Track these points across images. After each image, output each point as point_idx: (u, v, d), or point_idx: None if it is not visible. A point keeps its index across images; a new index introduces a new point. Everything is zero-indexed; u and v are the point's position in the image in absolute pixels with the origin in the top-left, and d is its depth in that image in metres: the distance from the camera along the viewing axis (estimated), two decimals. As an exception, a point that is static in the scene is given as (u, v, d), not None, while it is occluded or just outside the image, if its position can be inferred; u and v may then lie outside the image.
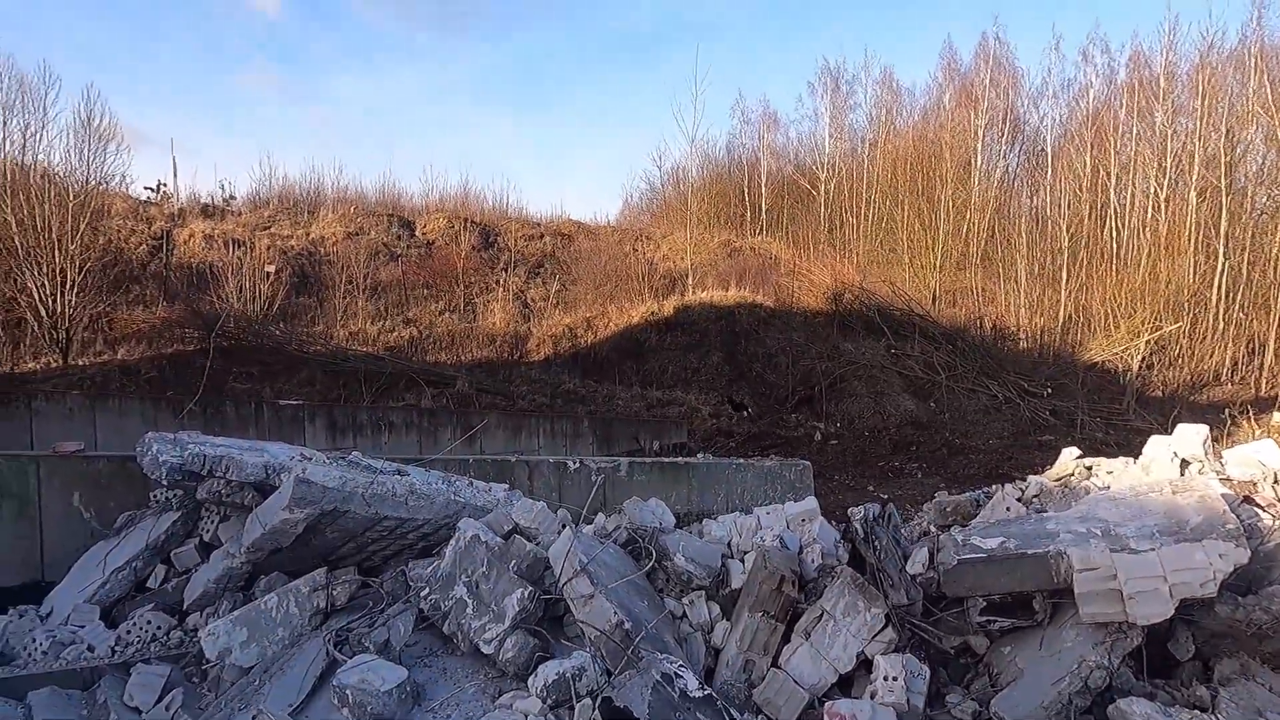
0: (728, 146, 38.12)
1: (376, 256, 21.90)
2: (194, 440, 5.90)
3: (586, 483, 8.35)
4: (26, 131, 18.60)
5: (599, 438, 14.64)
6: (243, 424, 11.27)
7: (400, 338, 18.90)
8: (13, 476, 6.23)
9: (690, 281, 23.63)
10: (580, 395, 17.31)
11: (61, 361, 14.46)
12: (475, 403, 15.60)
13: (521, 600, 4.23)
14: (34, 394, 10.94)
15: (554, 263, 24.80)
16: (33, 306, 14.75)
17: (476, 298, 21.74)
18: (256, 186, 26.21)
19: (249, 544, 4.92)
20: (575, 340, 19.79)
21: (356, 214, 24.38)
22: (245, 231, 21.54)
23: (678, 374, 19.04)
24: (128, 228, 20.28)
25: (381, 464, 6.28)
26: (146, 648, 5.03)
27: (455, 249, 23.40)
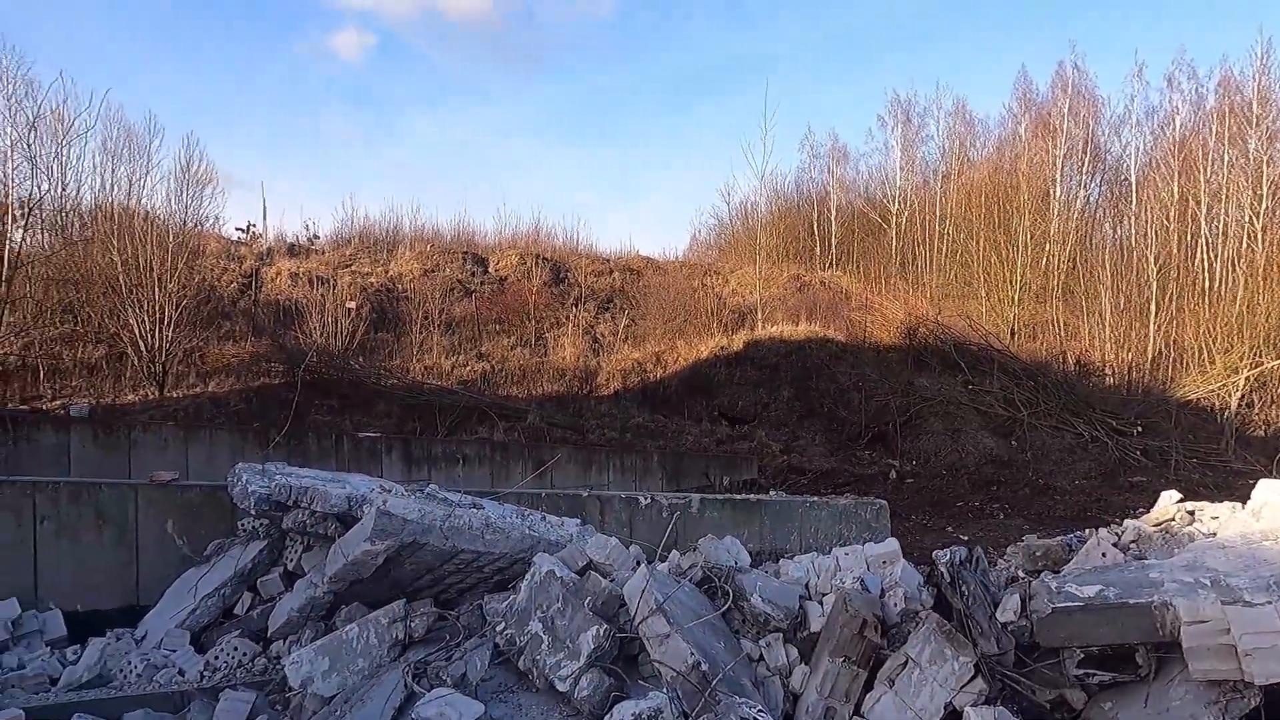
0: (796, 180, 38.04)
1: (451, 293, 22.46)
2: (281, 471, 6.10)
3: (658, 518, 8.29)
4: (133, 177, 19.88)
5: (669, 473, 14.56)
6: (324, 455, 11.60)
7: (473, 372, 19.25)
8: (114, 504, 6.54)
9: (759, 316, 23.49)
10: (650, 430, 17.29)
11: (158, 394, 15.20)
12: (546, 437, 15.73)
13: (597, 638, 4.20)
14: (133, 424, 11.51)
15: (623, 298, 24.99)
16: (133, 341, 15.59)
17: (547, 332, 22.04)
18: (339, 226, 27.32)
19: (331, 574, 5.03)
20: (644, 375, 19.83)
21: (433, 251, 25.10)
22: (328, 269, 22.40)
23: (748, 409, 18.85)
24: (220, 266, 21.32)
25: (458, 497, 6.37)
26: (233, 673, 5.16)
27: (527, 285, 23.83)
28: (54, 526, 6.42)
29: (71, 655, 5.73)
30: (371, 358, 18.72)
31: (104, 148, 19.60)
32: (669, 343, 21.21)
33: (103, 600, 6.49)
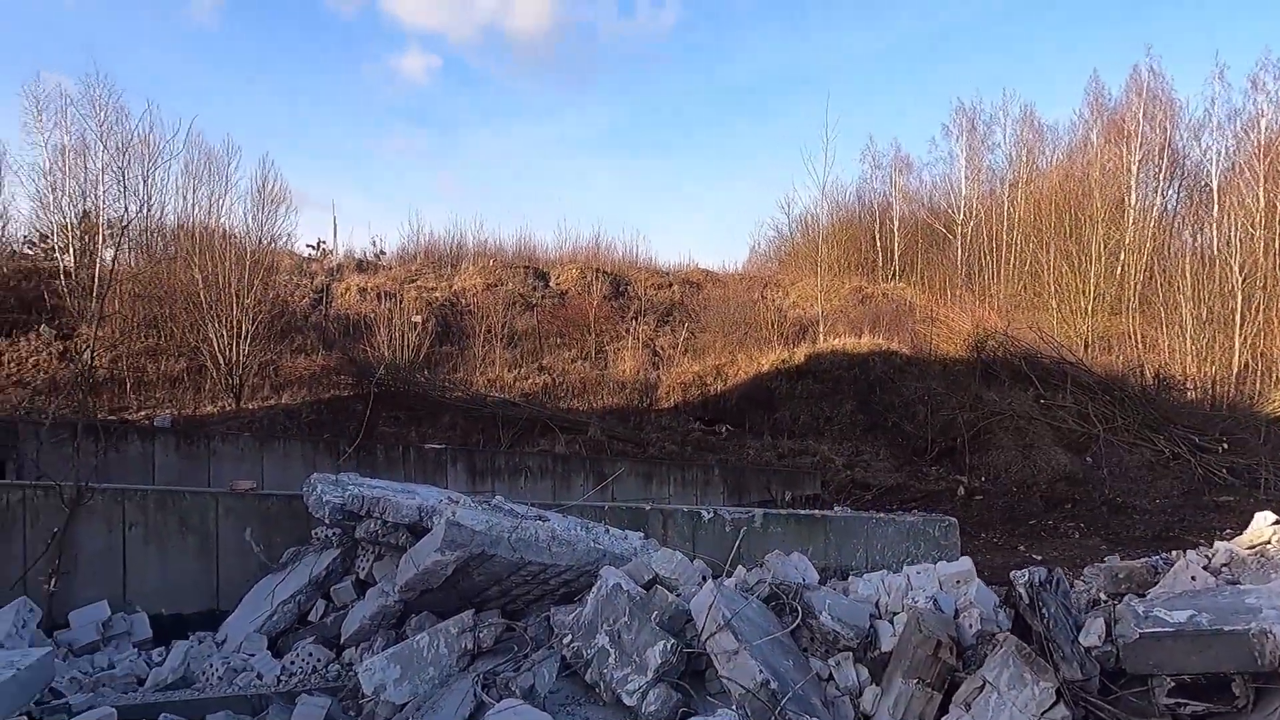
0: (858, 191, 37.56)
1: (513, 306, 22.79)
2: (353, 482, 6.26)
3: (721, 533, 8.23)
4: (212, 198, 20.78)
5: (730, 487, 14.46)
6: (391, 466, 11.86)
7: (535, 385, 19.47)
8: (196, 511, 6.80)
9: (821, 329, 23.21)
10: (710, 444, 17.21)
11: (235, 405, 15.78)
12: (607, 449, 15.79)
13: (664, 652, 4.18)
14: (212, 435, 11.96)
15: (682, 311, 25.00)
16: (213, 355, 16.24)
17: (607, 345, 22.16)
18: (405, 242, 28.01)
19: (402, 584, 5.13)
20: (705, 388, 19.77)
21: (495, 266, 25.53)
22: (394, 284, 22.97)
23: (809, 423, 18.62)
24: (292, 282, 22.06)
25: (523, 509, 6.43)
26: (308, 678, 5.30)
27: (587, 298, 24.02)
28: (141, 533, 6.70)
29: (157, 656, 5.96)
30: (436, 371, 19.10)
31: (186, 170, 20.57)
32: (729, 356, 21.10)
33: (185, 604, 6.74)
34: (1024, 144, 34.03)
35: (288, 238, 22.29)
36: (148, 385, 16.33)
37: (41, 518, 6.53)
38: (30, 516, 6.53)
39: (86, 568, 6.62)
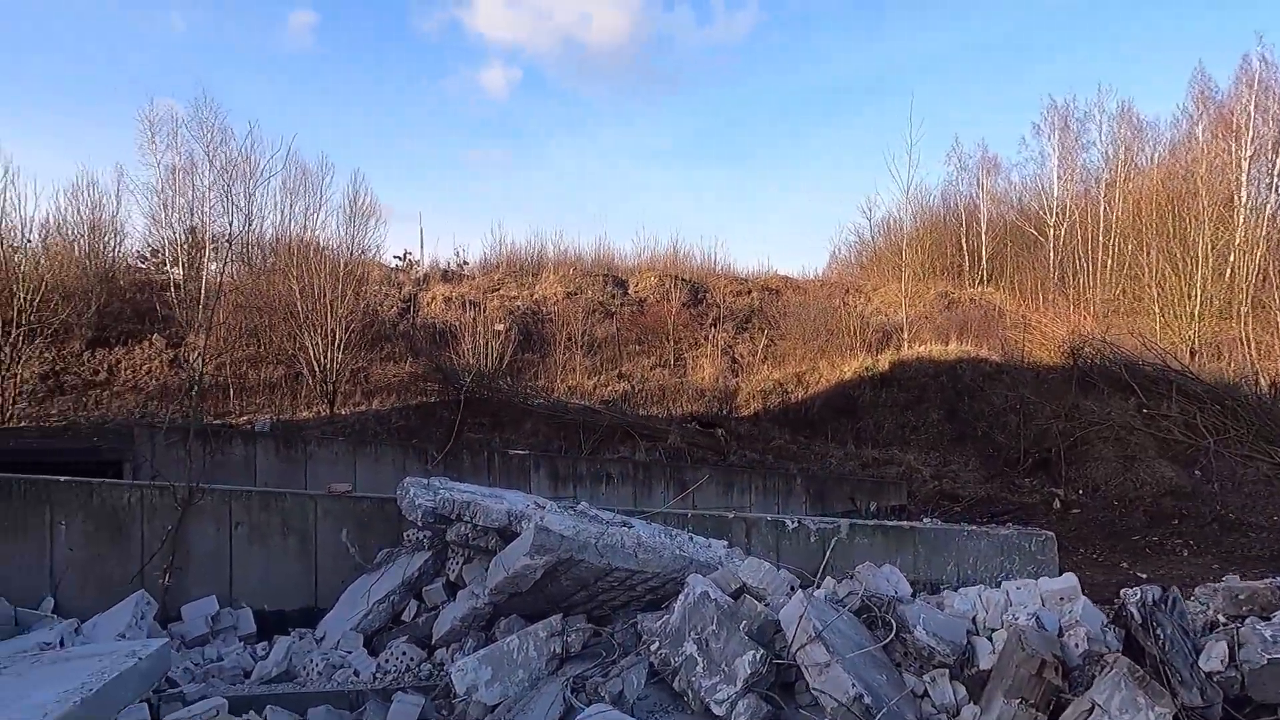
0: (943, 194, 36.55)
1: (593, 314, 23.03)
2: (444, 486, 6.42)
3: (805, 543, 8.10)
4: (307, 212, 21.75)
5: (812, 496, 14.23)
6: (476, 471, 12.13)
7: (614, 391, 19.61)
8: (297, 512, 7.10)
9: (906, 335, 22.64)
10: (791, 452, 16.98)
11: (329, 411, 16.42)
12: (687, 457, 15.76)
13: (753, 663, 4.13)
14: (309, 439, 12.47)
15: (761, 318, 24.78)
16: (308, 362, 16.95)
17: (686, 353, 22.14)
18: (487, 252, 28.66)
19: (492, 586, 5.22)
20: (785, 395, 19.53)
21: (575, 275, 25.85)
22: (478, 293, 23.53)
23: (894, 432, 18.17)
24: (381, 292, 22.84)
25: (608, 515, 6.48)
26: (402, 676, 5.45)
27: (666, 305, 24.08)
28: (247, 532, 7.03)
29: (261, 651, 6.24)
30: (519, 378, 19.44)
31: (284, 186, 21.61)
32: (810, 363, 20.80)
33: (286, 602, 7.03)
34: (1121, 141, 32.48)
35: (377, 249, 23.22)
36: (249, 391, 17.15)
37: (157, 516, 6.93)
38: (147, 515, 6.93)
39: (197, 564, 6.98)
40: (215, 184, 21.32)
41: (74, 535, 6.79)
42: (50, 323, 16.66)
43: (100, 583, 6.77)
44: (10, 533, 6.69)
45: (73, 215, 20.80)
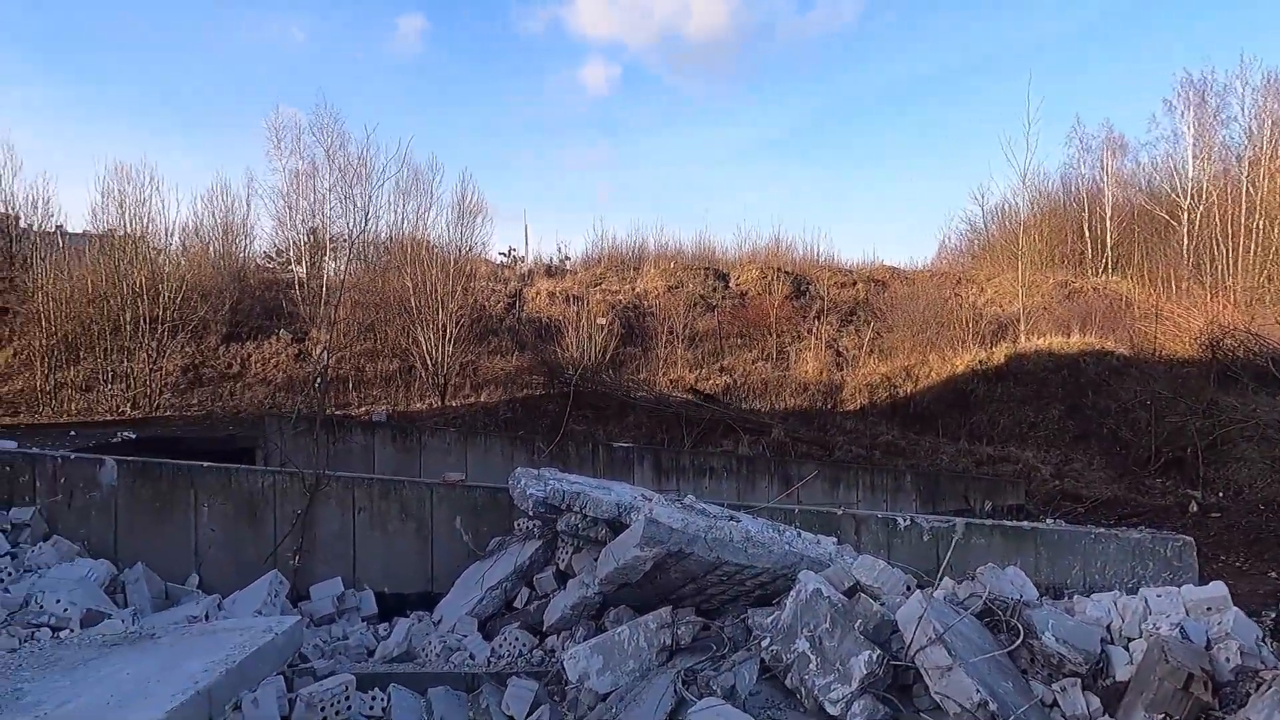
0: (1062, 178, 34.57)
1: (694, 307, 22.98)
2: (553, 477, 6.53)
3: (918, 542, 7.85)
4: (419, 211, 22.57)
5: (922, 494, 13.77)
6: (581, 462, 12.32)
7: (716, 385, 19.52)
8: (414, 500, 7.39)
9: (1023, 327, 21.57)
10: (900, 448, 16.47)
11: (440, 403, 17.03)
12: (791, 451, 15.53)
13: (869, 663, 4.03)
14: (423, 430, 12.97)
15: (867, 310, 24.14)
16: (421, 356, 17.62)
17: (789, 346, 21.82)
18: (589, 247, 29.02)
19: (602, 577, 5.28)
20: (893, 390, 18.96)
21: (676, 268, 25.86)
22: (581, 288, 23.87)
23: (1010, 428, 17.35)
24: (488, 288, 23.48)
25: (715, 509, 6.44)
26: (515, 661, 5.59)
27: (768, 298, 23.77)
28: (368, 518, 7.37)
29: (383, 631, 6.53)
30: (621, 371, 19.62)
31: (397, 186, 22.48)
32: (919, 356, 20.11)
33: (404, 585, 7.33)
34: (1267, 115, 29.84)
35: (484, 246, 23.84)
36: (366, 384, 17.99)
37: (287, 501, 7.35)
38: (278, 499, 7.36)
39: (323, 547, 7.38)
40: (335, 186, 22.42)
41: (215, 517, 7.28)
42: (190, 319, 17.93)
43: (238, 561, 7.24)
44: (160, 514, 7.24)
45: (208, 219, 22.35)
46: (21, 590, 5.55)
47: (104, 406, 15.99)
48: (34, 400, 16.03)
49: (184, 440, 11.88)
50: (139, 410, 15.81)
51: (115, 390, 16.54)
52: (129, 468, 7.34)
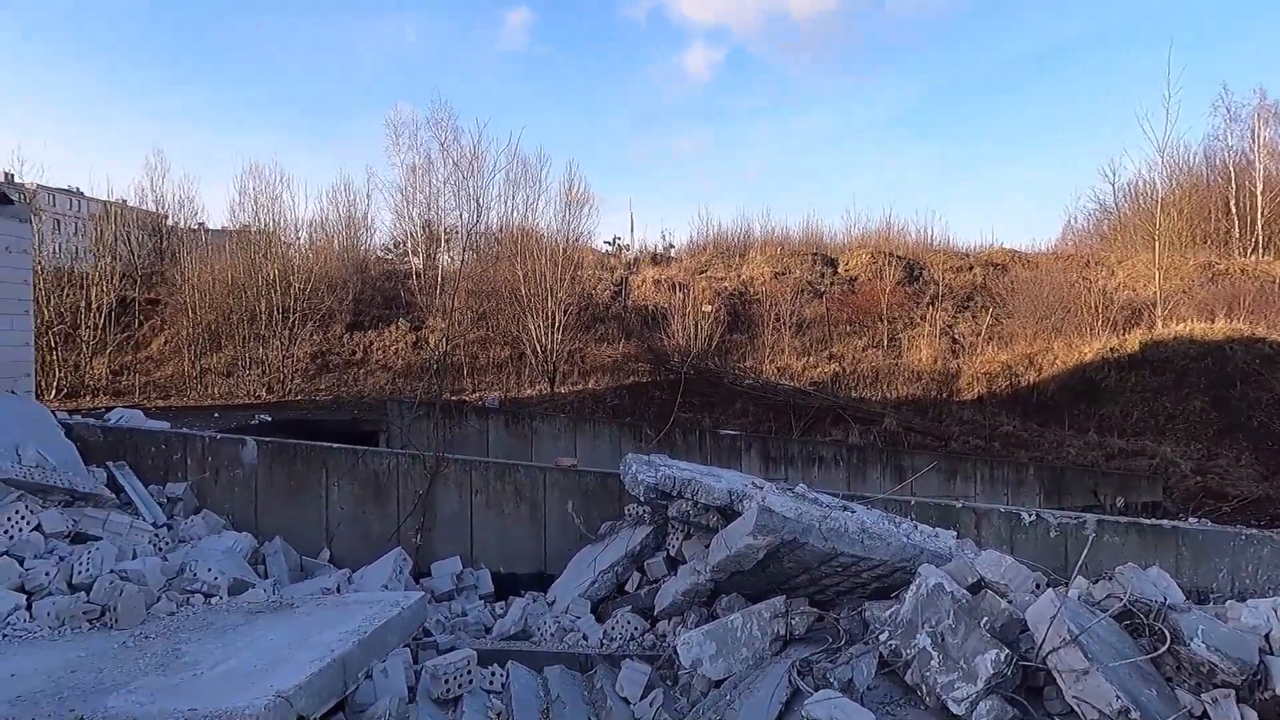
0: (1204, 151, 31.94)
1: (801, 294, 22.57)
2: (665, 463, 6.56)
3: (1043, 538, 7.46)
4: (528, 202, 23.08)
5: (1045, 488, 13.08)
6: (688, 450, 12.33)
7: (824, 373, 19.14)
8: (528, 484, 7.58)
9: (1159, 312, 20.12)
10: (1021, 439, 15.70)
11: (549, 389, 17.41)
12: (904, 441, 15.07)
13: (996, 663, 3.86)
14: (533, 415, 13.29)
15: (985, 295, 23.07)
16: (531, 344, 18.05)
17: (900, 333, 21.13)
18: (694, 234, 28.96)
19: (714, 564, 5.26)
20: (1014, 379, 18.07)
21: (782, 254, 25.46)
22: (686, 275, 23.84)
23: (1145, 420, 16.24)
24: (595, 277, 23.78)
25: (827, 499, 6.32)
26: (626, 644, 5.66)
27: (878, 284, 23.08)
28: (484, 499, 7.62)
29: (499, 610, 6.74)
30: (727, 358, 19.52)
31: (507, 178, 23.06)
32: (1043, 343, 19.08)
33: (518, 565, 7.55)
34: None
35: (590, 235, 24.17)
36: (478, 370, 18.58)
37: (409, 481, 7.69)
38: (401, 480, 7.71)
39: (442, 526, 7.68)
40: (449, 179, 23.20)
41: (344, 495, 7.70)
42: (318, 309, 18.98)
43: (365, 537, 7.63)
44: (296, 492, 7.71)
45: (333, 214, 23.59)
46: (177, 559, 6.02)
47: (243, 390, 17.16)
48: (182, 384, 17.37)
49: (314, 423, 12.62)
50: (273, 394, 16.89)
51: (252, 375, 17.72)
52: (267, 448, 7.85)
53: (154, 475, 7.76)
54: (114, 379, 17.46)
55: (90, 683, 3.93)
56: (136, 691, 3.76)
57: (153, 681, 3.90)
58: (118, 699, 3.68)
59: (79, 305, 17.99)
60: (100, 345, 17.84)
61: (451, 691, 4.64)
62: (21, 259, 8.71)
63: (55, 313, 17.45)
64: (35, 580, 5.21)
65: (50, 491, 6.36)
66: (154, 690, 3.77)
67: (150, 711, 3.49)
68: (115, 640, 4.64)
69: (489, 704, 4.72)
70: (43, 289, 16.74)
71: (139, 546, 6.13)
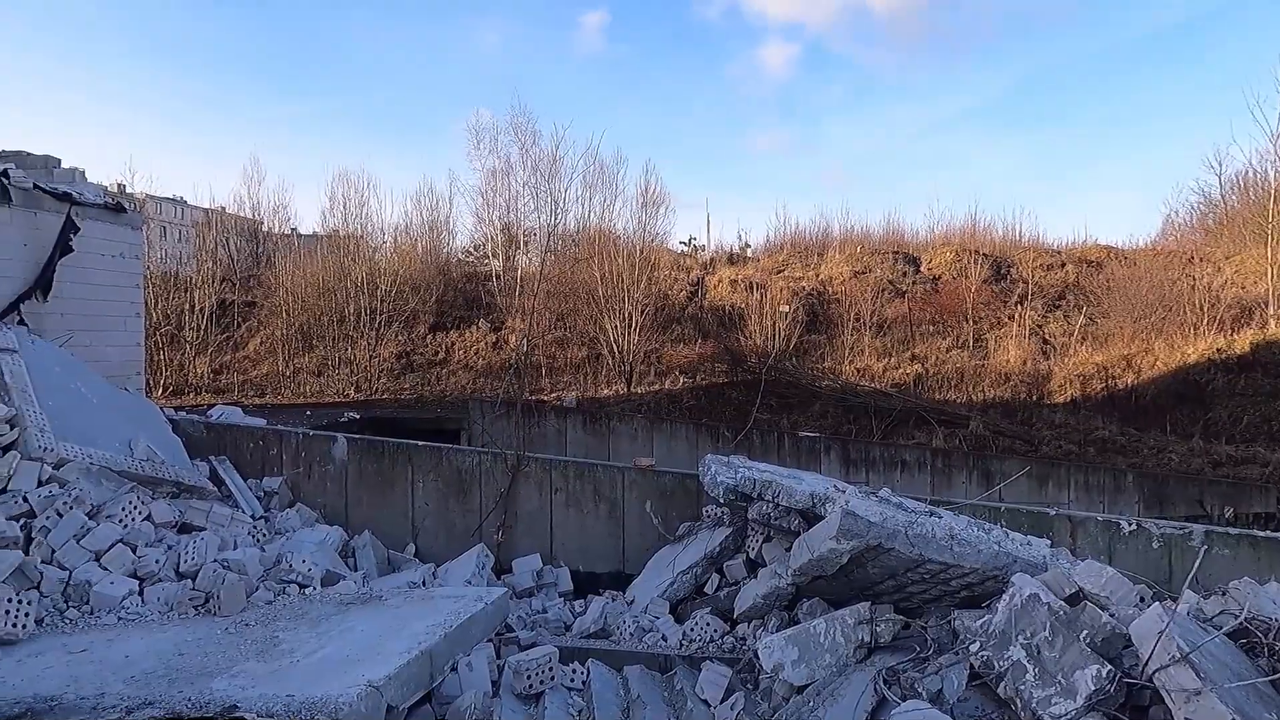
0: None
1: (882, 293, 22.06)
2: (744, 465, 6.50)
3: (1144, 549, 7.09)
4: (604, 203, 23.26)
5: (1146, 498, 12.43)
6: (766, 451, 12.21)
7: (905, 374, 18.66)
8: (607, 483, 7.63)
9: (1272, 310, 18.88)
10: (1118, 445, 14.96)
11: (626, 389, 17.50)
12: (991, 446, 14.55)
13: (1098, 679, 3.67)
14: (611, 415, 13.38)
15: (1078, 293, 22.09)
16: (608, 344, 18.18)
17: (987, 333, 20.43)
18: (771, 234, 28.68)
19: (795, 568, 5.19)
20: (1110, 381, 17.24)
21: (862, 253, 24.95)
22: (763, 275, 23.60)
23: (1257, 426, 15.25)
24: (671, 277, 23.79)
25: (913, 504, 6.15)
26: (706, 646, 5.63)
27: (963, 283, 22.37)
28: (564, 498, 7.71)
29: (579, 607, 6.79)
30: (804, 359, 19.24)
31: (584, 180, 23.28)
32: (1142, 344, 18.14)
33: (597, 564, 7.61)
34: None
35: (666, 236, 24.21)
36: (557, 370, 18.82)
37: (491, 479, 7.84)
38: (483, 478, 7.87)
39: (523, 524, 7.80)
40: (528, 182, 23.58)
41: (428, 492, 7.90)
42: (403, 311, 19.56)
43: (448, 533, 7.82)
44: (383, 488, 7.96)
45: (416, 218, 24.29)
46: (274, 550, 6.29)
47: (332, 389, 17.83)
48: (277, 383, 18.15)
49: (399, 421, 13.00)
50: (360, 393, 17.49)
51: (341, 374, 18.38)
52: (356, 444, 8.13)
53: (252, 469, 8.14)
54: (214, 377, 18.38)
55: (196, 666, 4.13)
56: (239, 676, 3.94)
57: (253, 667, 4.08)
58: (222, 682, 3.86)
59: (183, 308, 19.02)
60: (202, 346, 18.81)
61: (534, 687, 4.71)
62: (134, 264, 9.26)
63: (162, 315, 18.49)
64: (146, 567, 5.52)
65: (159, 484, 6.72)
66: (255, 675, 3.94)
67: (251, 696, 3.64)
68: (218, 626, 4.87)
69: (570, 701, 4.76)
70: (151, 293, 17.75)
71: (239, 537, 6.43)
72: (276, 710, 3.45)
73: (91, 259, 8.55)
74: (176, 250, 28.80)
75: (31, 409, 6.42)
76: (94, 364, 8.13)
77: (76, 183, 8.78)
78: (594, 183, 23.74)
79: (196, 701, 3.61)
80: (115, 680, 3.93)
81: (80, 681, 3.92)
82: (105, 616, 5.06)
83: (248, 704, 3.54)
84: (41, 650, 4.41)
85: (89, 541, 5.53)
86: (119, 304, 8.95)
